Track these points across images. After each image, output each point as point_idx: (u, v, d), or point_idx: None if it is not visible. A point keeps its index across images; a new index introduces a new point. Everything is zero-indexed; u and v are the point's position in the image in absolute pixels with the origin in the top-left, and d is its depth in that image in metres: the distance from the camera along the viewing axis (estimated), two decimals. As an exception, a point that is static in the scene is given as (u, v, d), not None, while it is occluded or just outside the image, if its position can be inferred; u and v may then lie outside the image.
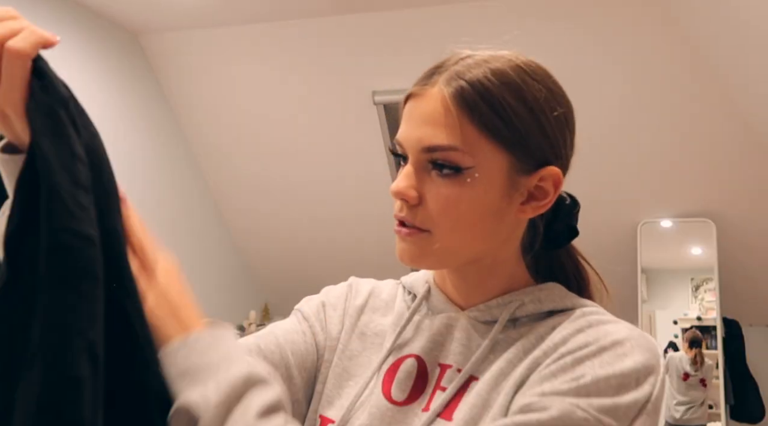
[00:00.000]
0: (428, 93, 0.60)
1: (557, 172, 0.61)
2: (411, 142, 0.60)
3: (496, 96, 0.58)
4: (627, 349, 0.54)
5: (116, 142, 2.69)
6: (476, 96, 0.58)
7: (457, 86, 0.58)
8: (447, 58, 0.62)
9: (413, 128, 0.60)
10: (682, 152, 2.72)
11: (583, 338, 0.55)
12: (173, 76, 3.00)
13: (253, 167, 3.28)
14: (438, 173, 0.58)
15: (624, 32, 2.43)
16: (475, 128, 0.57)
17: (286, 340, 0.68)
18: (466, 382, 0.60)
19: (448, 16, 2.45)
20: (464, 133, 0.57)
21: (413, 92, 0.61)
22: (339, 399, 0.65)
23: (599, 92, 2.61)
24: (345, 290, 0.74)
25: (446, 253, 0.61)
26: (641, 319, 3.02)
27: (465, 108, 0.57)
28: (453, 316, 0.65)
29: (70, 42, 2.46)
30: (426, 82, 0.61)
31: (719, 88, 2.47)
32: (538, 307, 0.62)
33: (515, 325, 0.62)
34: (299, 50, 2.77)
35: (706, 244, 2.98)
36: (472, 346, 0.62)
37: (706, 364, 3.04)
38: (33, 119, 0.48)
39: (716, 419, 2.95)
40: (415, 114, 0.60)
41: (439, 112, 0.58)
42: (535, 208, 0.61)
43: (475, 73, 0.59)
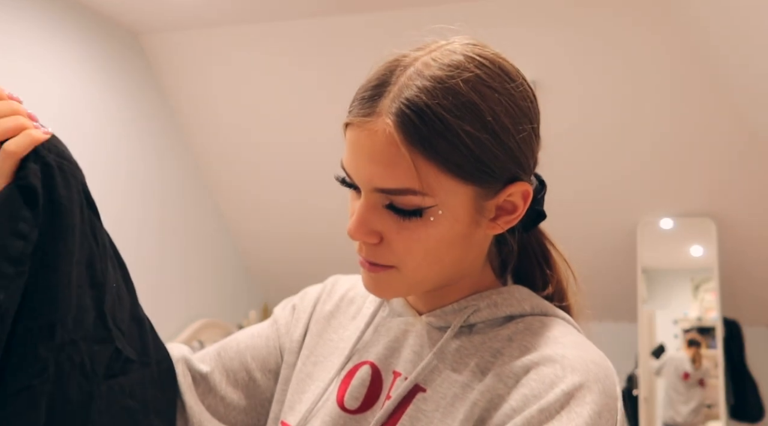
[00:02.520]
0: (372, 126, 0.51)
1: (526, 188, 0.56)
2: (362, 179, 0.53)
3: (452, 125, 0.50)
4: (585, 399, 0.48)
5: (116, 142, 2.69)
6: (427, 128, 0.49)
7: (404, 117, 0.50)
8: (386, 69, 0.55)
9: (362, 165, 0.53)
10: (682, 152, 2.71)
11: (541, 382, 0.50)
12: (173, 76, 3.00)
13: (254, 167, 3.28)
14: (396, 213, 0.53)
15: (624, 32, 2.43)
16: (432, 165, 0.50)
17: (247, 346, 0.70)
18: (411, 392, 0.56)
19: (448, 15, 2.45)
20: (420, 172, 0.50)
21: (355, 121, 0.53)
22: (299, 404, 0.64)
23: (599, 92, 2.61)
24: (318, 293, 0.73)
25: (414, 285, 0.57)
26: (641, 319, 3.02)
27: (417, 144, 0.49)
28: (410, 320, 0.62)
29: (70, 42, 2.46)
30: (367, 110, 0.52)
31: (719, 88, 2.47)
32: (493, 313, 0.58)
33: (471, 331, 0.58)
34: (299, 50, 2.77)
35: (706, 244, 2.97)
36: (423, 353, 0.58)
37: (704, 364, 3.05)
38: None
39: (716, 419, 2.95)
40: (361, 149, 0.52)
41: (387, 150, 0.50)
42: (505, 222, 0.57)
43: (423, 95, 0.50)
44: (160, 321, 2.96)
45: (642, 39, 2.42)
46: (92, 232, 0.60)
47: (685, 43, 2.38)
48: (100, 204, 0.65)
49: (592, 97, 2.62)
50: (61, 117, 2.39)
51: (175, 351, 0.69)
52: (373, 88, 0.54)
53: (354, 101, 0.55)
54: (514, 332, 0.56)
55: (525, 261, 0.65)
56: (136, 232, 2.79)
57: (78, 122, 2.46)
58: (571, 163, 2.76)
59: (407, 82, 0.52)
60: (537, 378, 0.50)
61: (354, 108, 0.55)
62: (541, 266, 0.65)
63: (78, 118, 2.46)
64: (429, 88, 0.51)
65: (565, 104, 2.65)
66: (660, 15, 2.33)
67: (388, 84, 0.53)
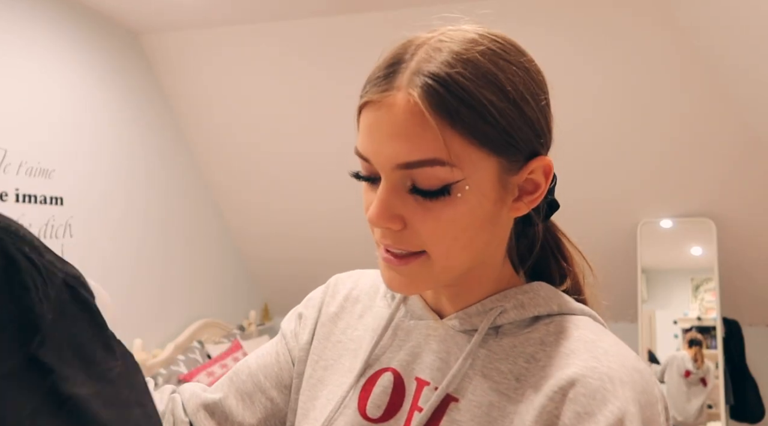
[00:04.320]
0: (391, 100, 0.50)
1: (547, 162, 0.55)
2: (382, 158, 0.50)
3: (475, 94, 0.49)
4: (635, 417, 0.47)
5: (116, 142, 2.69)
6: (452, 97, 0.48)
7: (427, 87, 0.48)
8: (399, 48, 0.53)
9: (382, 142, 0.50)
10: (682, 152, 2.72)
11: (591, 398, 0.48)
12: (173, 76, 3.00)
13: (254, 167, 3.28)
14: (420, 194, 0.50)
15: (627, 35, 2.43)
16: (459, 135, 0.48)
17: (258, 366, 0.68)
18: (443, 403, 0.54)
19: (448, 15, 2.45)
20: (448, 142, 0.48)
21: (371, 100, 0.51)
22: (313, 410, 0.62)
23: (599, 93, 2.61)
24: (322, 296, 0.71)
25: (443, 273, 0.53)
26: (641, 319, 3.02)
27: (443, 112, 0.48)
28: (431, 324, 0.59)
29: (70, 42, 2.46)
30: (385, 86, 0.51)
31: (719, 88, 2.47)
32: (521, 314, 0.56)
33: (498, 333, 0.56)
34: (299, 50, 2.77)
35: (706, 244, 2.97)
36: (450, 360, 0.56)
37: (706, 363, 3.05)
38: None
39: (716, 419, 2.95)
40: (380, 125, 0.50)
41: (411, 121, 0.48)
42: (528, 202, 0.55)
43: (443, 67, 0.49)
44: (161, 321, 2.96)
45: (644, 42, 2.42)
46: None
47: (687, 46, 2.38)
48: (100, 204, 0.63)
49: (593, 99, 2.62)
50: (62, 117, 2.39)
51: (186, 392, 0.66)
52: (388, 67, 0.52)
53: (367, 84, 0.53)
54: (545, 335, 0.54)
55: (540, 254, 0.63)
56: (136, 232, 2.79)
57: (78, 122, 2.46)
58: (572, 164, 2.76)
59: (425, 57, 0.51)
60: (586, 392, 0.48)
61: (369, 88, 0.52)
62: (557, 259, 0.63)
63: (78, 118, 2.46)
64: (448, 59, 0.50)
65: (566, 105, 2.64)
66: (663, 19, 2.33)
67: (403, 62, 0.51)
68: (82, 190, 2.43)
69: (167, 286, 3.02)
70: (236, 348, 3.12)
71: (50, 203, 2.28)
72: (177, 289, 3.11)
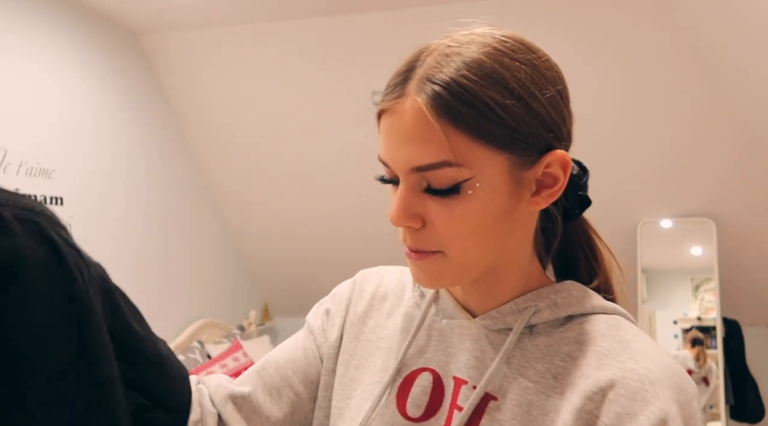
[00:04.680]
0: (401, 107, 0.53)
1: (563, 155, 0.55)
2: (398, 163, 0.54)
3: (478, 94, 0.51)
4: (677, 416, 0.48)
5: (116, 142, 2.69)
6: (455, 100, 0.51)
7: (431, 93, 0.51)
8: (413, 56, 0.56)
9: (396, 148, 0.54)
10: (682, 152, 2.72)
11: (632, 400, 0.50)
12: (173, 76, 3.01)
13: (254, 167, 3.28)
14: (435, 193, 0.53)
15: (627, 35, 2.43)
16: (464, 136, 0.51)
17: (286, 360, 0.68)
18: (482, 402, 0.55)
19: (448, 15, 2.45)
20: (453, 144, 0.51)
21: (384, 108, 0.55)
22: (348, 410, 0.63)
23: (599, 93, 2.61)
24: (349, 294, 0.71)
25: (463, 269, 0.55)
26: (641, 319, 3.02)
27: (446, 116, 0.51)
28: (464, 323, 0.60)
29: (70, 42, 2.46)
30: (397, 93, 0.54)
31: (719, 88, 2.47)
32: (554, 313, 0.57)
33: (532, 333, 0.57)
34: (299, 50, 2.77)
35: (706, 244, 2.97)
36: (486, 359, 0.57)
37: (708, 362, 3.05)
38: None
39: (716, 419, 2.95)
40: (393, 131, 0.54)
41: (419, 126, 0.52)
42: (547, 196, 0.56)
43: (448, 72, 0.52)
44: (161, 321, 2.95)
45: (644, 42, 2.42)
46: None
47: (687, 46, 2.38)
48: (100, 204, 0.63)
49: (593, 98, 2.62)
50: (62, 117, 2.39)
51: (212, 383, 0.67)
52: (401, 74, 0.55)
53: (385, 91, 0.57)
54: (580, 334, 0.55)
55: (570, 252, 0.64)
56: (136, 232, 2.79)
57: (78, 122, 2.46)
58: (571, 163, 2.76)
59: (431, 63, 0.54)
60: (626, 394, 0.50)
61: (384, 96, 0.56)
62: (588, 257, 0.64)
63: (78, 118, 2.46)
64: (452, 64, 0.53)
65: (565, 104, 2.65)
66: (663, 19, 2.33)
67: (414, 68, 0.55)
68: (82, 190, 2.43)
69: (167, 286, 3.02)
70: (236, 348, 3.12)
71: (50, 203, 2.27)
72: (177, 289, 3.10)
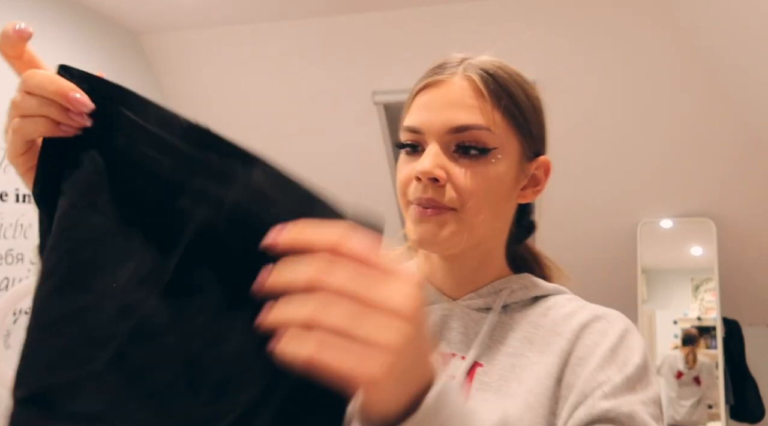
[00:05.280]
0: (451, 80, 0.64)
1: (548, 162, 0.69)
2: (436, 125, 0.63)
3: (512, 88, 0.65)
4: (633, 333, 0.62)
5: (116, 142, 2.69)
6: (497, 84, 0.64)
7: (482, 75, 0.64)
8: (447, 58, 0.67)
9: (437, 112, 0.63)
10: (682, 152, 2.72)
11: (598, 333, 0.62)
12: (173, 76, 3.01)
13: (253, 167, 3.27)
14: (463, 154, 0.62)
15: (626, 34, 2.43)
16: (500, 113, 0.63)
17: None
18: (471, 369, 0.63)
19: (448, 15, 2.45)
20: (494, 115, 0.63)
21: (432, 81, 0.65)
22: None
23: (600, 93, 2.61)
24: None
25: (469, 230, 0.63)
26: (641, 319, 3.02)
27: (492, 94, 0.63)
28: (447, 306, 0.68)
29: (70, 42, 2.46)
30: (446, 73, 0.65)
31: (719, 88, 2.47)
32: (526, 294, 0.68)
33: (506, 311, 0.67)
34: (299, 50, 2.77)
35: (706, 244, 2.97)
36: (470, 334, 0.66)
37: (699, 361, 3.04)
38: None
39: (716, 419, 2.95)
40: (437, 100, 0.64)
41: (469, 95, 0.63)
42: (531, 193, 0.68)
43: (490, 68, 0.65)
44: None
45: (644, 41, 2.42)
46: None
47: (687, 46, 2.38)
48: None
49: (593, 98, 2.62)
50: (61, 117, 2.39)
51: None
52: (439, 67, 0.66)
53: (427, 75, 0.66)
54: (546, 308, 0.66)
55: (526, 268, 0.74)
56: (136, 232, 2.79)
57: (78, 122, 2.46)
58: (572, 164, 2.76)
59: (471, 62, 0.66)
60: (593, 331, 0.62)
61: (425, 79, 0.66)
62: (541, 271, 0.75)
63: (78, 118, 2.46)
64: (489, 66, 0.66)
65: (567, 105, 2.65)
66: (663, 18, 2.33)
67: (451, 63, 0.66)
68: (82, 190, 2.42)
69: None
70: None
71: (50, 203, 2.28)
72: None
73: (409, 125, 0.65)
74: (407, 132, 0.65)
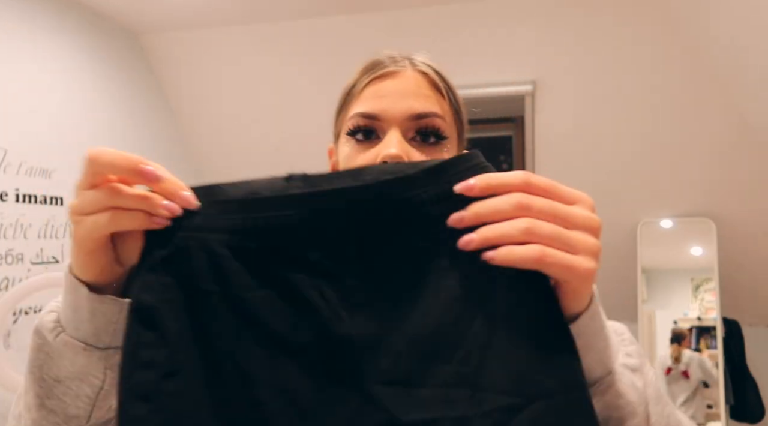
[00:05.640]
0: (404, 72, 0.67)
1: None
2: (396, 111, 0.65)
3: (451, 86, 0.70)
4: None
5: (116, 142, 2.69)
6: (445, 82, 0.69)
7: (430, 70, 0.68)
8: (387, 55, 0.71)
9: (396, 100, 0.65)
10: (682, 152, 2.71)
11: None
12: (173, 76, 3.00)
13: (254, 167, 3.27)
14: (421, 142, 0.65)
15: (625, 33, 2.43)
16: (448, 105, 0.68)
17: None
18: None
19: (448, 15, 2.45)
20: (445, 106, 0.67)
21: (387, 72, 0.68)
22: None
23: (599, 93, 2.61)
24: None
25: None
26: (641, 319, 3.02)
27: (441, 87, 0.67)
28: None
29: (70, 42, 2.46)
30: (397, 67, 0.68)
31: (719, 87, 2.47)
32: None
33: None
34: (300, 50, 2.77)
35: (706, 244, 2.97)
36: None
37: (686, 356, 3.04)
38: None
39: (716, 419, 2.94)
40: (394, 89, 0.66)
41: (425, 86, 0.66)
42: None
43: (435, 66, 0.70)
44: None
45: (643, 40, 2.42)
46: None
47: (687, 43, 2.38)
48: None
49: (592, 98, 2.62)
50: (62, 117, 2.39)
51: None
52: (393, 57, 0.70)
53: (370, 71, 0.69)
54: None
55: None
56: (136, 232, 2.78)
57: (77, 122, 2.46)
58: (571, 164, 2.76)
59: (417, 59, 0.70)
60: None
61: (376, 70, 0.69)
62: None
63: (78, 118, 2.46)
64: (433, 64, 0.70)
65: (565, 104, 2.65)
66: (663, 18, 2.33)
67: (398, 61, 0.69)
68: (82, 190, 2.42)
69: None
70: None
71: (50, 203, 2.28)
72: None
73: (364, 112, 0.66)
74: (362, 118, 0.66)
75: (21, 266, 2.13)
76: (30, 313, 2.15)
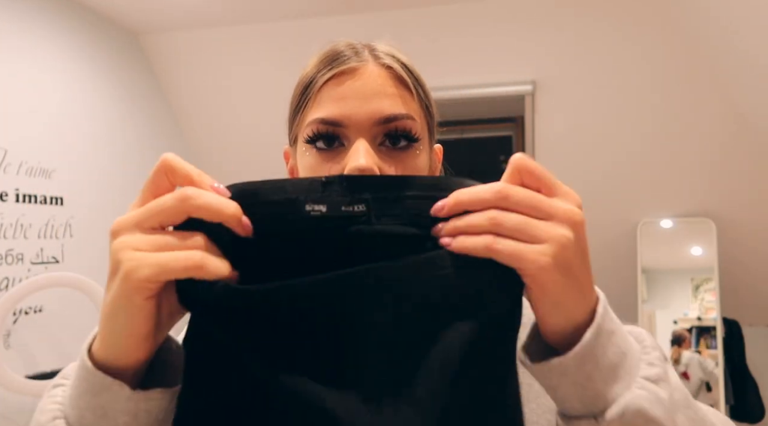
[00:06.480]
0: (365, 68, 0.59)
1: (442, 149, 0.71)
2: (361, 117, 0.57)
3: (419, 78, 0.63)
4: None
5: (116, 142, 2.69)
6: (412, 74, 0.62)
7: (396, 63, 0.61)
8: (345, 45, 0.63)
9: (360, 103, 0.57)
10: (682, 152, 2.71)
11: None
12: (173, 76, 3.00)
13: (255, 166, 3.27)
14: (391, 146, 0.58)
15: (623, 32, 2.43)
16: (417, 101, 0.61)
17: None
18: None
19: (448, 15, 2.45)
20: (414, 104, 0.61)
21: (346, 69, 0.59)
22: None
23: (599, 93, 2.61)
24: None
25: None
26: (641, 319, 3.02)
27: (408, 82, 0.60)
28: None
29: (69, 42, 2.46)
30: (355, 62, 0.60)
31: (719, 87, 2.47)
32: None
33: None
34: (300, 50, 2.76)
35: (706, 244, 2.97)
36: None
37: (686, 357, 3.04)
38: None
39: (716, 419, 2.95)
40: (356, 90, 0.58)
41: (390, 83, 0.59)
42: None
43: (399, 56, 0.63)
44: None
45: (643, 40, 2.42)
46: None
47: (687, 44, 2.38)
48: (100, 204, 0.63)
49: (592, 98, 2.62)
50: (62, 117, 2.39)
51: None
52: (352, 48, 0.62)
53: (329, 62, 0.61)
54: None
55: None
56: (136, 232, 2.78)
57: (77, 122, 2.46)
58: (571, 163, 2.76)
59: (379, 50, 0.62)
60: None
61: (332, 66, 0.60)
62: None
63: (78, 118, 2.46)
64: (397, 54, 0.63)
65: (565, 104, 2.65)
66: (664, 17, 2.33)
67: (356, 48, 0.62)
68: (82, 190, 2.43)
69: (167, 286, 3.02)
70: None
71: (50, 203, 2.28)
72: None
73: (325, 117, 0.57)
74: (322, 124, 0.58)
75: (21, 266, 2.13)
76: (30, 313, 2.15)
